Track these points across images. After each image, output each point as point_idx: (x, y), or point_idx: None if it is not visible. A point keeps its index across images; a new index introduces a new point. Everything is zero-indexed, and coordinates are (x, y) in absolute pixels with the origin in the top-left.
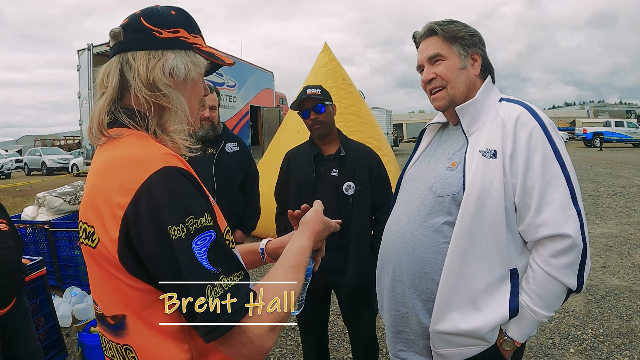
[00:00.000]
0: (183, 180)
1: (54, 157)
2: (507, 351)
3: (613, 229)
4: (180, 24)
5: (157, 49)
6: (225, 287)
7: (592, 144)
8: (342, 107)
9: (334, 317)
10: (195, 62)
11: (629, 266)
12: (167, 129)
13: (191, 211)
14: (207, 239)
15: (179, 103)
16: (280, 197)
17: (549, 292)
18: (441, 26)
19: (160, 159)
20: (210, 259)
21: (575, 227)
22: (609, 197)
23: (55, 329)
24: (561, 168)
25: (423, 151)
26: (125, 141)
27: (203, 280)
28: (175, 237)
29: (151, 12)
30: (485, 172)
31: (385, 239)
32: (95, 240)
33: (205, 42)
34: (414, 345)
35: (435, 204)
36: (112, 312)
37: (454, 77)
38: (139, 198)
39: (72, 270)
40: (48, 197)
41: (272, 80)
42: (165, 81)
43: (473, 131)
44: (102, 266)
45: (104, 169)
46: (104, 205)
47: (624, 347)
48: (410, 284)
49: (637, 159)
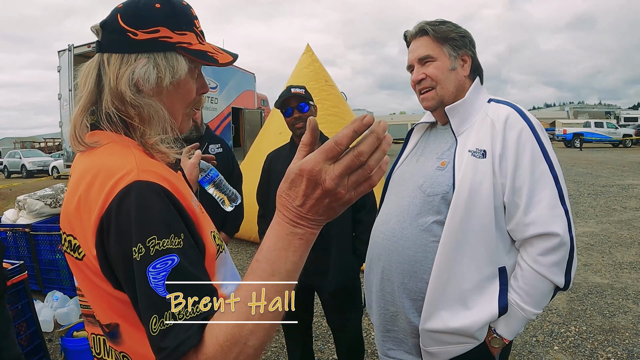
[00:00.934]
0: (154, 197)
1: (34, 160)
2: (496, 348)
3: (594, 228)
4: (162, 21)
5: (130, 52)
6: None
7: (572, 144)
8: (325, 109)
9: (318, 318)
10: (175, 66)
11: (610, 264)
12: (148, 142)
13: (154, 231)
14: (169, 263)
15: (153, 112)
16: (262, 200)
17: (537, 290)
18: (432, 26)
19: (132, 173)
20: (168, 286)
21: (563, 226)
22: (590, 197)
23: (38, 334)
24: (549, 168)
25: (411, 151)
26: (106, 149)
27: (153, 307)
28: (138, 258)
29: (130, 7)
30: (475, 172)
31: (373, 238)
32: (82, 253)
33: (201, 36)
34: (403, 344)
35: (425, 203)
36: (105, 321)
37: (443, 77)
38: (109, 215)
39: (53, 274)
40: (28, 200)
41: (254, 82)
42: (130, 94)
43: (462, 131)
44: (89, 278)
45: (82, 179)
46: (83, 217)
47: (607, 344)
48: (399, 283)
49: (617, 159)
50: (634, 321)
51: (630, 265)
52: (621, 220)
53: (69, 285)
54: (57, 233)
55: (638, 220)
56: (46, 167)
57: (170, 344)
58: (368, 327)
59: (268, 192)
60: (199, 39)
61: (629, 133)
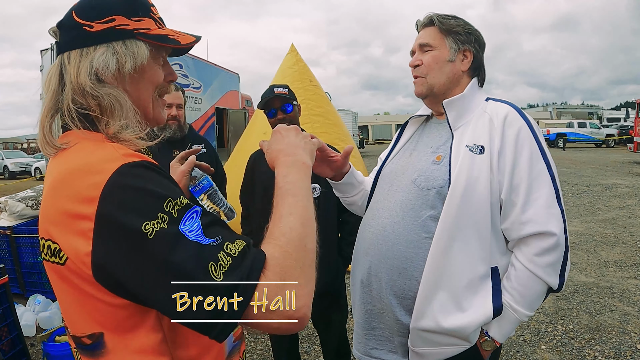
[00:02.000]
0: (147, 171)
1: (16, 161)
2: (487, 351)
3: (578, 227)
4: (118, 10)
5: (89, 45)
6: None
7: (555, 144)
8: (309, 109)
9: None
10: (135, 52)
11: (595, 263)
12: (109, 132)
13: (167, 195)
14: (195, 215)
15: (114, 100)
16: (246, 201)
17: (531, 291)
18: (440, 18)
19: (117, 159)
20: (206, 232)
21: (560, 226)
22: (574, 196)
23: (20, 338)
24: (547, 167)
25: (404, 144)
26: (78, 147)
27: (205, 257)
28: (157, 229)
29: (85, 2)
30: (472, 167)
31: (362, 232)
32: (64, 257)
33: (160, 22)
34: (388, 343)
35: (419, 197)
36: (87, 331)
37: (437, 67)
38: (104, 204)
39: (35, 277)
40: (10, 202)
41: (238, 82)
42: (90, 84)
43: (459, 126)
44: (72, 284)
45: (59, 181)
46: (66, 220)
47: (594, 342)
48: (387, 279)
49: (600, 158)
50: (620, 319)
51: (615, 264)
52: (605, 219)
53: (51, 289)
54: (38, 236)
55: (622, 219)
56: (29, 168)
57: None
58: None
59: (252, 192)
60: (158, 24)
61: (612, 133)
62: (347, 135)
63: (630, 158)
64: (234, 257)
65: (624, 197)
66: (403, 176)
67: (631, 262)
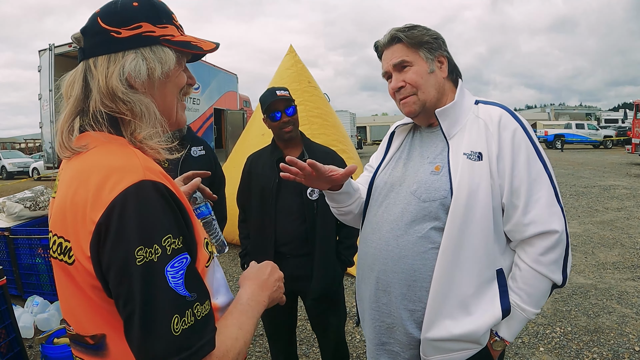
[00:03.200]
0: (159, 198)
1: (14, 161)
2: (497, 351)
3: (577, 229)
4: (143, 17)
5: (117, 51)
6: (199, 317)
7: (553, 145)
8: (307, 110)
9: (302, 322)
10: (162, 58)
11: (593, 265)
12: (137, 137)
13: (168, 230)
14: (184, 261)
15: (144, 108)
16: (243, 203)
17: (537, 289)
18: (404, 32)
19: (138, 171)
20: (187, 283)
21: (561, 223)
22: (572, 198)
23: (17, 341)
24: (544, 167)
25: (394, 153)
26: (101, 149)
27: (174, 308)
28: (146, 260)
29: (109, 9)
30: (472, 175)
31: (363, 247)
32: (72, 256)
33: (181, 29)
34: (399, 357)
35: (421, 209)
36: (90, 332)
37: (423, 82)
38: (111, 213)
39: (33, 278)
40: (8, 203)
41: (236, 83)
42: (123, 89)
43: (454, 134)
44: (78, 284)
45: (77, 178)
46: (78, 218)
47: (592, 344)
48: (398, 294)
49: (598, 160)
50: (619, 321)
51: (613, 266)
52: (603, 221)
53: (49, 290)
54: (37, 237)
55: (620, 220)
56: (26, 168)
57: (195, 343)
58: (352, 331)
59: (249, 194)
60: (180, 31)
61: (610, 134)
62: (345, 137)
63: (628, 159)
64: (197, 320)
65: (621, 198)
66: (400, 188)
67: (629, 264)
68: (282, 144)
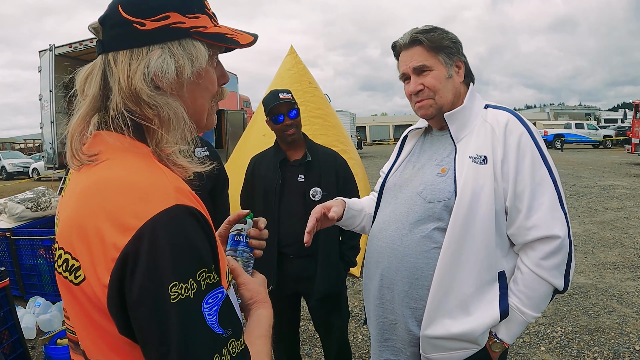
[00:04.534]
0: (195, 225)
1: (14, 162)
2: (496, 353)
3: (577, 229)
4: (171, 6)
5: (140, 45)
6: (234, 354)
7: (553, 145)
8: (308, 111)
9: (304, 322)
10: (193, 54)
11: (593, 264)
12: (165, 152)
13: (204, 264)
14: (219, 296)
15: (173, 113)
16: (246, 205)
17: (538, 293)
18: (425, 35)
19: (170, 194)
20: (220, 320)
21: (564, 228)
22: (572, 198)
23: (20, 342)
24: (548, 172)
25: (406, 157)
26: (121, 160)
27: (213, 348)
28: (182, 297)
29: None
30: (476, 178)
31: (371, 246)
32: (80, 277)
33: (214, 18)
34: (401, 354)
35: (426, 210)
36: (95, 357)
37: (441, 87)
38: (140, 240)
39: (35, 279)
40: (9, 204)
41: (237, 83)
42: (148, 91)
43: (461, 137)
44: (84, 308)
45: (94, 190)
46: (94, 238)
47: (593, 344)
48: (400, 291)
49: (598, 160)
50: (619, 321)
51: (613, 266)
52: (603, 221)
53: (51, 291)
54: (38, 238)
55: (620, 220)
56: (26, 168)
57: None
58: (355, 331)
59: (252, 196)
60: (213, 21)
61: (609, 134)
62: (345, 137)
63: (628, 159)
64: (232, 357)
65: (621, 198)
66: (407, 188)
67: (629, 264)
68: (285, 146)
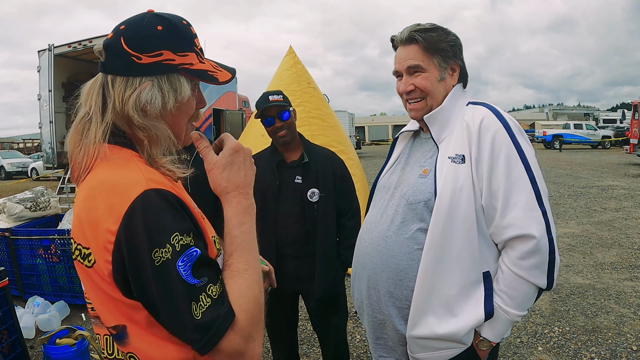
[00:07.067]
0: (164, 202)
1: (13, 161)
2: (484, 351)
3: (575, 229)
4: (165, 45)
5: (135, 75)
6: (215, 296)
7: (551, 145)
8: (307, 111)
9: (303, 322)
10: (177, 88)
11: (591, 265)
12: (158, 162)
13: (175, 229)
14: (194, 254)
15: (160, 133)
16: None
17: (519, 292)
18: (422, 34)
19: (141, 183)
20: (194, 272)
21: (541, 228)
22: (570, 198)
23: (19, 342)
24: (525, 169)
25: (396, 160)
26: (109, 165)
27: (190, 296)
28: (162, 259)
29: (134, 31)
30: (456, 178)
31: (358, 247)
32: (92, 261)
33: (201, 55)
34: (392, 352)
35: (408, 211)
36: (112, 323)
37: (432, 88)
38: (126, 223)
39: (34, 279)
40: (8, 204)
41: (235, 83)
42: (137, 118)
43: (443, 138)
44: (97, 284)
45: (90, 194)
46: (95, 230)
47: (590, 344)
48: (385, 291)
49: (596, 160)
50: (616, 321)
51: (611, 266)
52: (601, 221)
53: (49, 291)
54: (37, 237)
55: (618, 221)
56: (25, 168)
57: (216, 319)
58: (353, 331)
59: None
60: (199, 57)
61: (608, 134)
62: (344, 138)
63: (626, 159)
64: (213, 299)
65: (620, 198)
66: (395, 191)
67: (627, 264)
68: (281, 147)
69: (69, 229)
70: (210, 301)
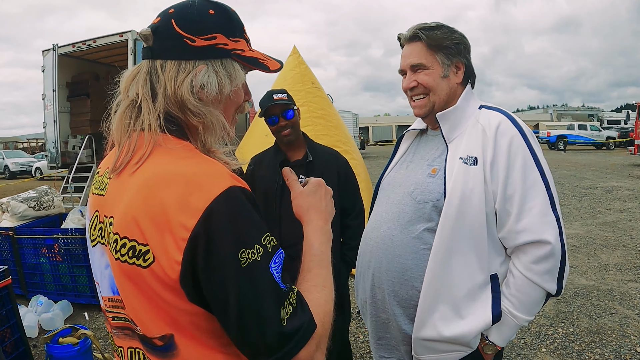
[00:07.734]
0: (250, 201)
1: (17, 161)
2: (489, 355)
3: (579, 230)
4: (218, 28)
5: (188, 59)
6: (294, 304)
7: (556, 146)
8: (311, 111)
9: None
10: (232, 74)
11: (595, 266)
12: (212, 151)
13: (265, 230)
14: (282, 256)
15: (215, 119)
16: None
17: (530, 297)
18: (426, 32)
19: (226, 177)
20: (283, 276)
21: (555, 233)
22: (574, 199)
23: (22, 340)
24: (540, 175)
25: (401, 157)
26: (172, 153)
27: (279, 300)
28: (250, 260)
29: (186, 14)
30: (466, 179)
31: (363, 245)
32: (149, 259)
33: (249, 43)
34: (395, 351)
35: (416, 210)
36: (158, 333)
37: (435, 85)
38: (208, 219)
39: (37, 278)
40: (12, 203)
41: None
42: (193, 102)
43: (453, 138)
44: (148, 287)
45: (150, 183)
46: (163, 224)
47: (594, 345)
48: (390, 290)
49: (600, 161)
50: (620, 322)
51: (615, 267)
52: (606, 222)
53: (53, 290)
54: (41, 237)
55: (622, 222)
56: (29, 168)
57: (300, 328)
58: (356, 332)
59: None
60: (249, 45)
61: (612, 135)
62: (348, 138)
63: (631, 161)
64: (293, 307)
65: (624, 200)
66: (400, 188)
67: (631, 265)
68: (285, 146)
69: (73, 228)
70: (291, 309)
